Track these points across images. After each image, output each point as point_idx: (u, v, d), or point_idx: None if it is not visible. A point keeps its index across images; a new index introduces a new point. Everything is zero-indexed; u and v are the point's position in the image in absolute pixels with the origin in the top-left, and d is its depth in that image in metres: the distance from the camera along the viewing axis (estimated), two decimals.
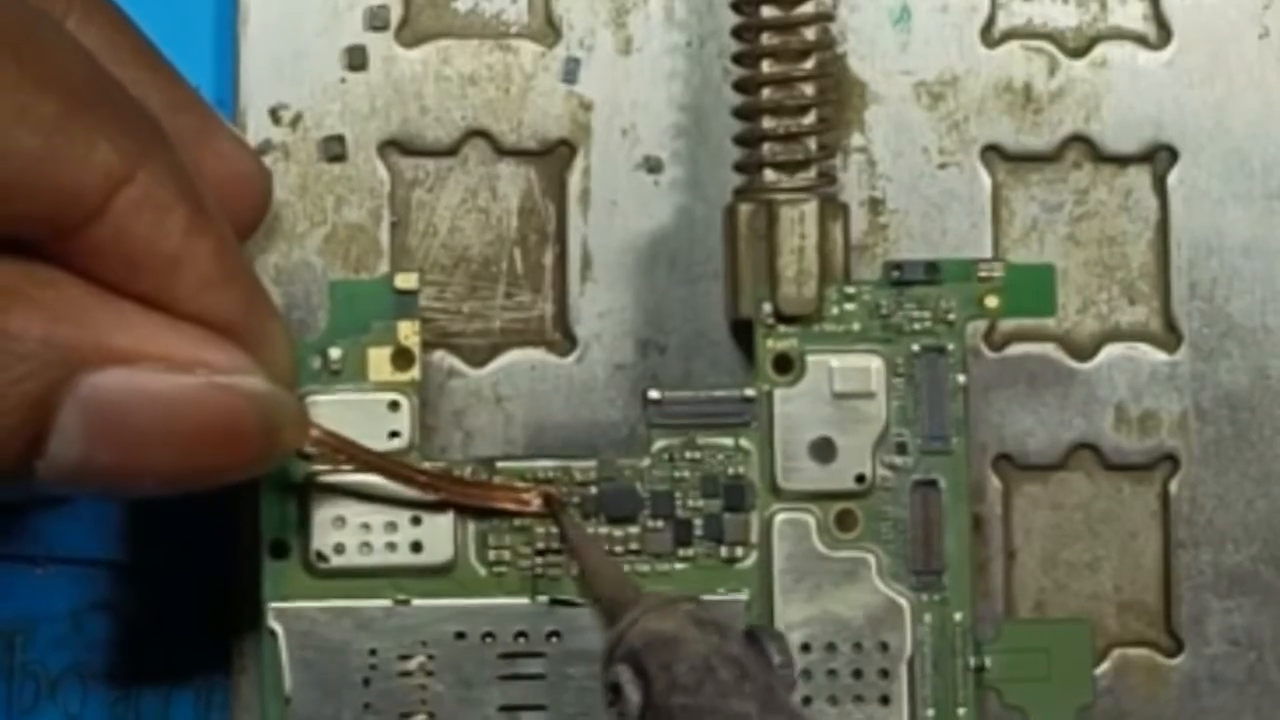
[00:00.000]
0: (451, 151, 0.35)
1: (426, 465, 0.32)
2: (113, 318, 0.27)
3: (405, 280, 0.32)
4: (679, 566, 0.32)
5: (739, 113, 0.33)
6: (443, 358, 0.34)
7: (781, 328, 0.32)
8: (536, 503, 0.32)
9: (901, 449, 0.32)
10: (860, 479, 0.32)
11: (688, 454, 0.32)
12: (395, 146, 0.35)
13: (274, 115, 0.34)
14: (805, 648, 0.32)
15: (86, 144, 0.27)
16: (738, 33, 0.33)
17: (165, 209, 0.27)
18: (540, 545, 0.32)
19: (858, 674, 0.32)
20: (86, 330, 0.27)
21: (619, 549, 0.32)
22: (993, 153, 0.35)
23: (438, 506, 0.32)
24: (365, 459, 0.31)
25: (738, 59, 0.33)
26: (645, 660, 0.29)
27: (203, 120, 0.31)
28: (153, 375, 0.27)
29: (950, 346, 0.32)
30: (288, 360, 0.30)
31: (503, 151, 0.35)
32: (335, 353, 0.32)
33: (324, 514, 0.32)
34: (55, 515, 0.34)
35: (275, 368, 0.29)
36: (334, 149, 0.34)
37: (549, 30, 0.35)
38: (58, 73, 0.27)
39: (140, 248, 0.27)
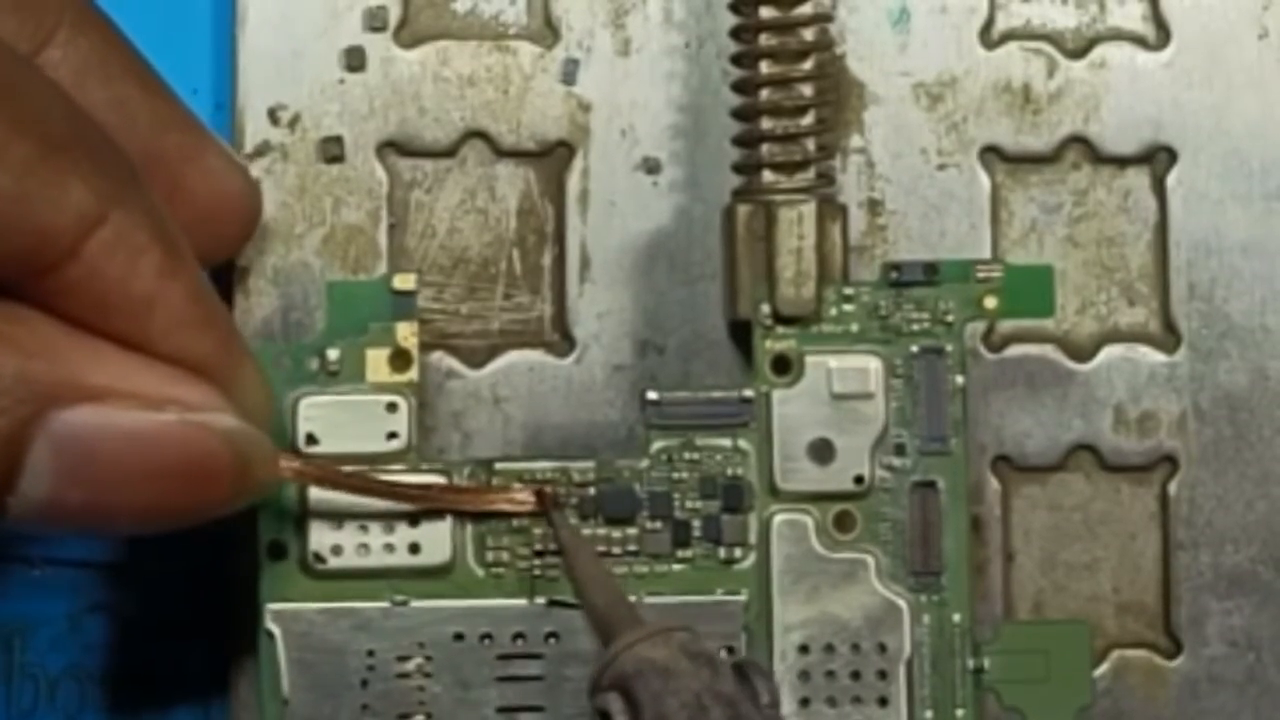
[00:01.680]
0: (450, 152, 0.35)
1: (411, 478, 0.32)
2: (85, 355, 0.27)
3: (403, 281, 0.32)
4: (677, 567, 0.32)
5: (737, 114, 0.33)
6: (441, 359, 0.34)
7: (780, 329, 0.32)
8: (530, 499, 0.32)
9: (900, 450, 0.32)
10: (859, 480, 0.32)
11: (686, 455, 0.32)
12: (394, 147, 0.35)
13: (272, 116, 0.34)
14: (803, 649, 0.32)
15: (60, 186, 0.27)
16: (736, 34, 0.33)
17: (139, 250, 0.27)
18: (538, 546, 0.32)
19: (856, 675, 0.32)
20: (59, 367, 0.27)
21: (617, 550, 0.32)
22: (991, 154, 0.35)
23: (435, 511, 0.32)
24: (348, 483, 0.31)
25: (736, 60, 0.33)
26: (636, 689, 0.29)
27: (192, 137, 0.31)
28: (124, 413, 0.27)
29: (949, 347, 0.32)
30: (261, 400, 0.30)
31: (501, 152, 0.35)
32: (333, 354, 0.32)
33: (322, 515, 0.32)
34: None
35: (249, 408, 0.29)
36: (332, 150, 0.34)
37: (548, 31, 0.35)
38: (32, 114, 0.27)
39: (113, 288, 0.27)
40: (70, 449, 0.27)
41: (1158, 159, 0.35)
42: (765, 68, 0.33)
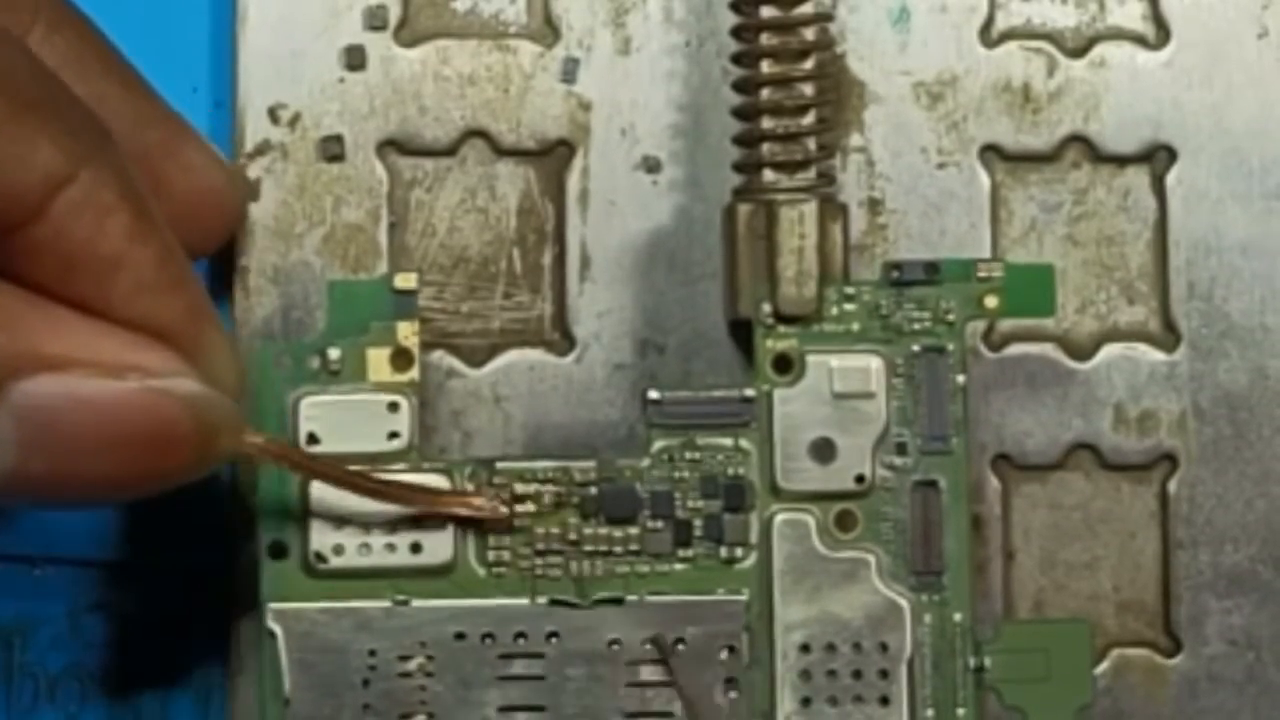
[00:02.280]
0: (450, 151, 0.35)
1: (393, 476, 0.31)
2: (44, 324, 0.27)
3: (404, 280, 0.32)
4: (678, 567, 0.32)
5: (738, 113, 0.33)
6: (441, 358, 0.34)
7: (781, 328, 0.32)
8: (485, 505, 0.32)
9: (901, 449, 0.32)
10: (860, 479, 0.32)
11: (687, 454, 0.32)
12: (394, 146, 0.35)
13: (272, 115, 0.34)
14: (805, 648, 0.32)
15: (28, 144, 0.27)
16: (737, 33, 0.33)
17: (106, 211, 0.27)
18: (540, 546, 0.32)
19: (857, 674, 0.32)
20: (18, 337, 0.27)
21: (619, 549, 0.32)
22: (991, 153, 0.35)
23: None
24: (309, 466, 0.31)
25: (737, 59, 0.33)
26: None
27: (172, 133, 0.31)
28: (84, 381, 0.27)
29: (950, 347, 0.32)
30: (228, 368, 0.29)
31: (501, 151, 0.35)
32: (334, 353, 0.32)
33: (323, 515, 0.32)
34: (53, 516, 0.34)
35: (214, 374, 0.29)
36: (332, 149, 0.34)
37: (548, 30, 0.35)
38: (0, 74, 0.26)
39: (79, 249, 0.27)
40: (32, 419, 0.27)
41: (1157, 158, 0.35)
42: (766, 67, 0.33)
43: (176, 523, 0.34)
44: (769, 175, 0.33)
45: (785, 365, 0.32)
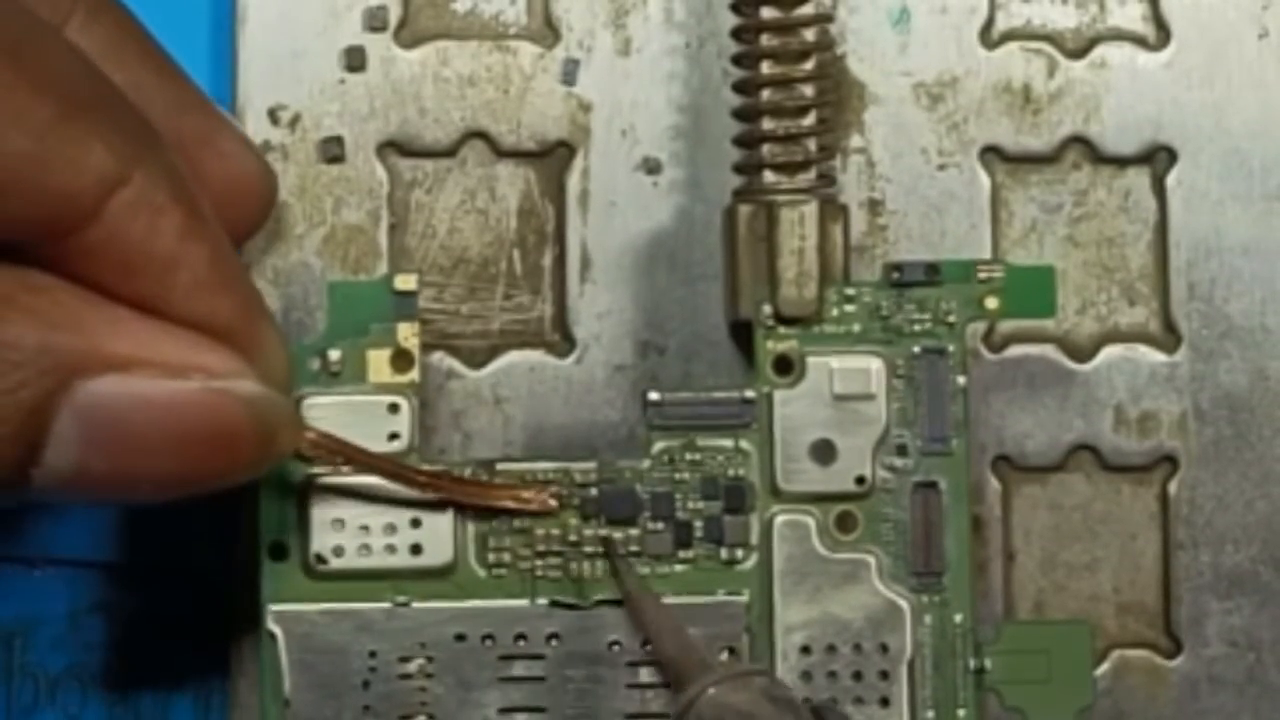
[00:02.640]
0: (450, 152, 0.35)
1: (425, 466, 0.32)
2: (108, 324, 0.27)
3: (404, 282, 0.32)
4: (679, 568, 0.32)
5: (738, 114, 0.33)
6: (442, 359, 0.34)
7: (781, 329, 0.32)
8: (535, 499, 0.32)
9: (901, 451, 0.32)
10: (860, 481, 0.32)
11: (688, 456, 0.32)
12: (394, 147, 0.35)
13: (272, 116, 0.34)
14: (805, 650, 0.32)
15: (82, 147, 0.27)
16: (737, 34, 0.33)
17: (160, 211, 0.27)
18: (540, 547, 0.32)
19: (858, 676, 0.32)
20: (82, 337, 0.27)
21: (619, 551, 0.32)
22: (992, 154, 0.35)
23: (437, 507, 0.32)
24: (362, 459, 0.31)
25: (737, 60, 0.33)
26: None
27: (207, 121, 0.31)
28: (148, 381, 0.27)
29: (950, 348, 0.32)
30: (282, 364, 0.30)
31: (501, 153, 0.35)
32: (334, 354, 0.32)
33: (323, 516, 0.32)
34: (53, 517, 0.34)
35: (270, 372, 0.29)
36: (332, 150, 0.34)
37: (548, 31, 0.35)
38: (54, 76, 0.27)
39: (134, 250, 0.27)
40: (95, 419, 0.27)
41: (1158, 159, 0.35)
42: (766, 68, 0.33)
43: (176, 523, 0.34)
44: (769, 176, 0.33)
45: (786, 366, 0.32)
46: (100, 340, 0.27)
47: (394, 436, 0.32)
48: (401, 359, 0.32)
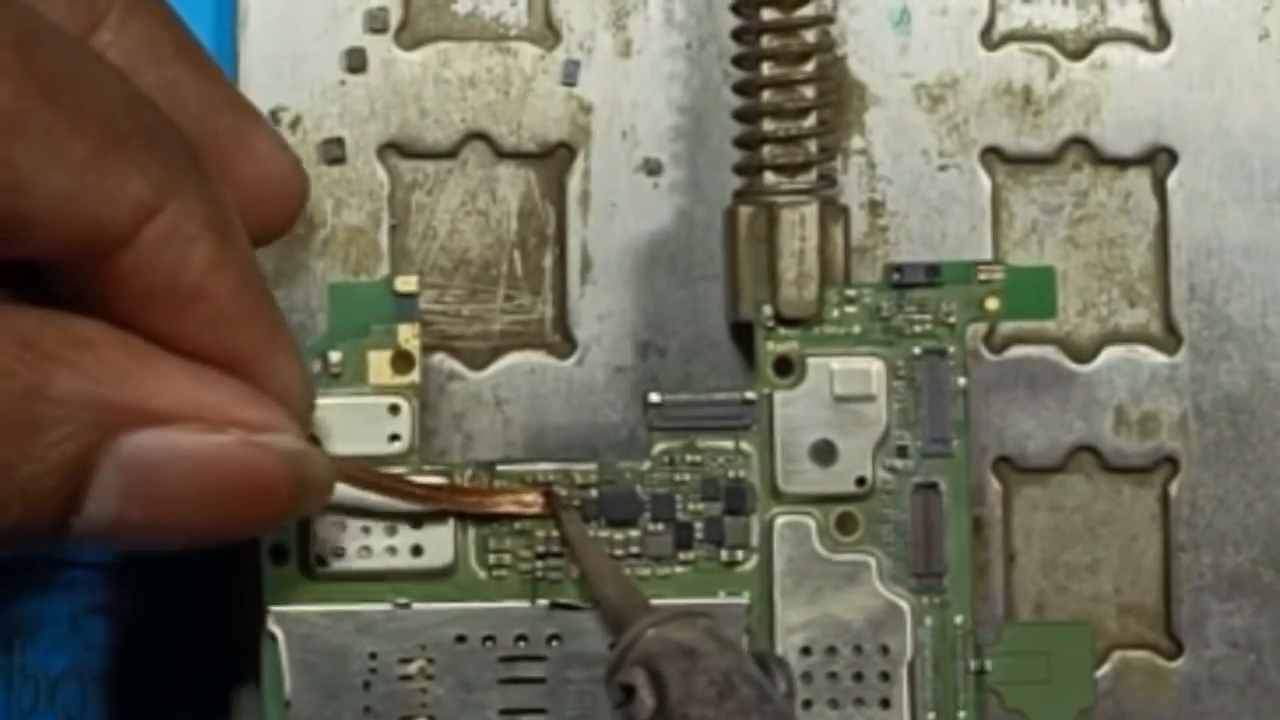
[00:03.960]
0: (451, 154, 0.35)
1: (427, 479, 0.32)
2: (150, 376, 0.27)
3: (405, 283, 0.32)
4: (679, 570, 0.32)
5: (739, 115, 0.33)
6: (442, 360, 0.34)
7: (782, 330, 0.32)
8: (538, 500, 0.32)
9: (902, 452, 0.32)
10: (861, 482, 0.32)
11: (688, 457, 0.32)
12: (395, 149, 0.35)
13: (273, 118, 0.34)
14: (806, 651, 0.32)
15: (119, 178, 0.26)
16: (738, 35, 0.33)
17: (191, 241, 0.27)
18: (540, 549, 0.32)
19: (858, 677, 0.32)
20: (125, 391, 0.27)
21: (619, 552, 0.32)
22: (992, 155, 0.35)
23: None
24: (374, 483, 0.31)
25: (738, 61, 0.33)
26: (663, 667, 0.29)
27: (242, 121, 0.31)
28: (188, 435, 0.27)
29: (951, 349, 0.32)
30: (300, 396, 0.29)
31: (502, 154, 0.35)
32: (335, 356, 0.32)
33: (324, 518, 0.32)
34: None
35: (285, 403, 0.29)
36: (333, 151, 0.34)
37: (548, 33, 0.35)
38: (93, 110, 0.26)
39: (161, 280, 0.27)
40: (135, 472, 0.27)
41: (1158, 160, 0.35)
42: (767, 69, 0.33)
43: None
44: (770, 177, 0.33)
45: (786, 368, 0.32)
46: (143, 394, 0.27)
47: (394, 438, 0.32)
48: (402, 360, 0.32)
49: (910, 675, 0.32)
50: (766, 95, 0.33)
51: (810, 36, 0.33)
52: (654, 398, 0.32)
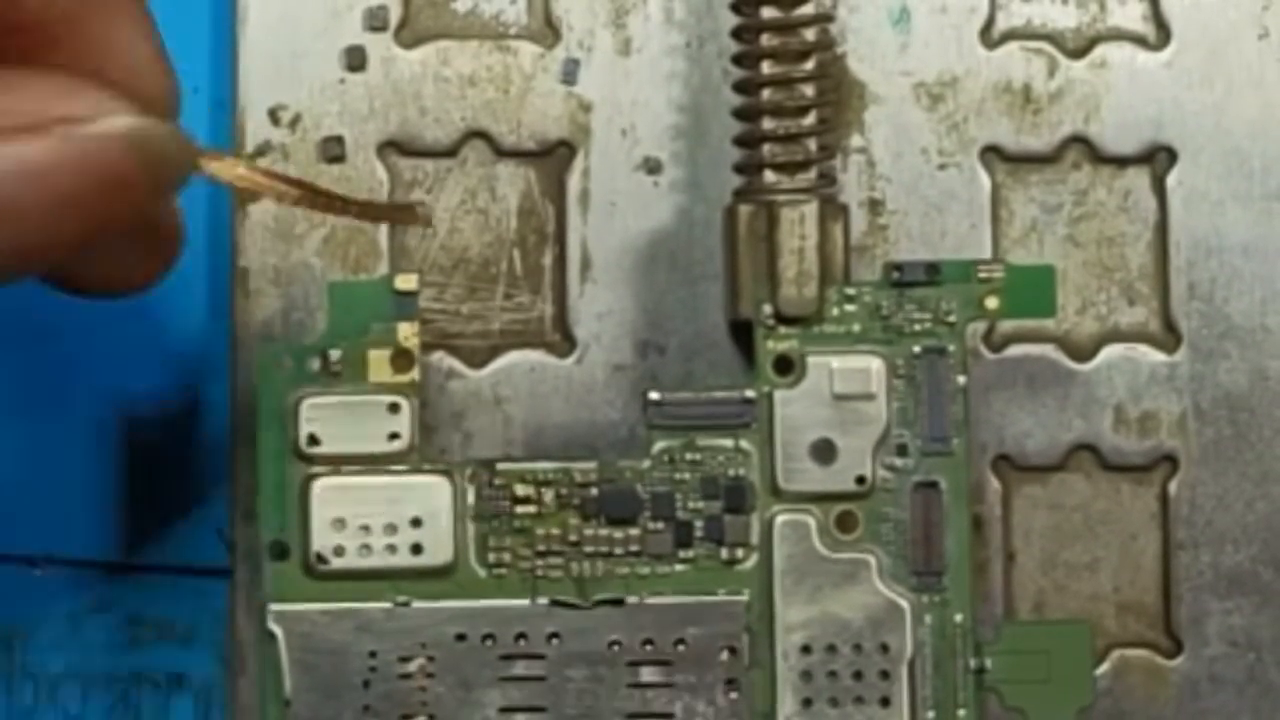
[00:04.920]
0: (450, 152, 0.35)
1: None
2: None
3: (405, 281, 0.32)
4: (679, 568, 0.32)
5: (739, 114, 0.33)
6: (442, 359, 0.34)
7: (782, 329, 0.32)
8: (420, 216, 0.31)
9: (902, 450, 0.32)
10: (860, 480, 0.32)
11: (688, 455, 0.32)
12: (394, 147, 0.35)
13: (273, 116, 0.34)
14: (805, 649, 0.32)
15: None
16: (737, 34, 0.33)
17: None
18: (540, 547, 0.32)
19: (858, 675, 0.32)
20: None
21: (619, 551, 0.32)
22: (992, 153, 0.35)
23: (438, 506, 0.32)
24: (294, 185, 0.30)
25: (737, 60, 0.33)
26: None
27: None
28: (8, 147, 0.25)
29: (951, 348, 0.32)
30: (149, 76, 0.27)
31: (502, 152, 0.35)
32: (335, 354, 0.32)
33: (323, 516, 0.32)
34: (53, 517, 0.34)
35: (135, 84, 0.27)
36: (333, 150, 0.34)
37: (548, 31, 0.35)
38: None
39: None
40: None
41: (1158, 159, 0.35)
42: (766, 68, 0.33)
43: (177, 523, 0.34)
44: (770, 176, 0.33)
45: (786, 366, 0.32)
46: None
47: (394, 436, 0.32)
48: (402, 359, 0.32)
49: (910, 674, 0.32)
50: (766, 94, 0.33)
51: (810, 35, 0.33)
52: (654, 396, 0.32)
